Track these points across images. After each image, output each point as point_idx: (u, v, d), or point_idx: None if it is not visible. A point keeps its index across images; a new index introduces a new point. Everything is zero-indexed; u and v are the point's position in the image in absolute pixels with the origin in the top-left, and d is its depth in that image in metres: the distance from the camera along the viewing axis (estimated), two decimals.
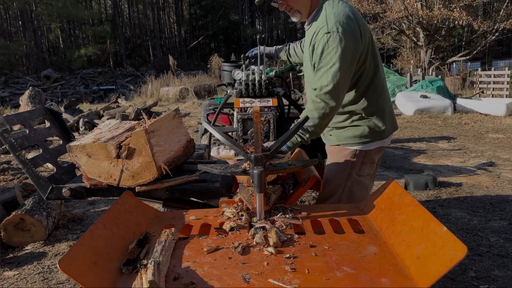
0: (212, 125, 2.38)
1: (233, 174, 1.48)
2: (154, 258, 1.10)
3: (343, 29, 1.76)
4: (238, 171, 1.44)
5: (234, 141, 1.56)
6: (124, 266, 1.12)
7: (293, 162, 1.56)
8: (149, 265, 1.07)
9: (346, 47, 1.75)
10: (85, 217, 3.89)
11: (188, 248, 1.24)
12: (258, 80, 2.19)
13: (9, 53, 26.30)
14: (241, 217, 1.43)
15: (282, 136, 1.53)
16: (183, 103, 13.98)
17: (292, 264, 1.12)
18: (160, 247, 1.17)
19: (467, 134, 7.80)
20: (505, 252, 2.92)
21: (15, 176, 5.04)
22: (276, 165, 1.52)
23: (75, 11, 29.01)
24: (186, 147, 1.87)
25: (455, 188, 4.39)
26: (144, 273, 1.05)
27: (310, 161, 1.56)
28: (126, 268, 1.11)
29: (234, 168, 1.47)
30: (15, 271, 2.88)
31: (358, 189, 2.06)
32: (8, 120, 1.78)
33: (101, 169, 1.61)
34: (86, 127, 8.78)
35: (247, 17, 36.49)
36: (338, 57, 1.75)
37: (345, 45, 1.75)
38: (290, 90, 4.00)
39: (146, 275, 1.03)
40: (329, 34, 1.76)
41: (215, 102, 4.22)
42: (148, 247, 1.25)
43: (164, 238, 1.22)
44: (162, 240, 1.20)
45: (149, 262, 1.08)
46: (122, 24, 36.64)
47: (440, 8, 16.88)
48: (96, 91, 22.64)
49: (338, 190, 2.03)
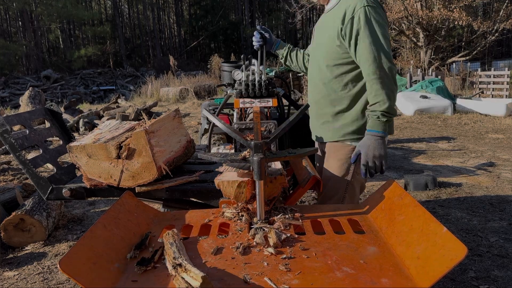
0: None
1: (233, 161, 1.48)
2: (177, 258, 1.09)
3: (377, 3, 1.84)
4: (238, 159, 1.44)
5: (234, 128, 1.56)
6: (137, 266, 1.11)
7: (293, 150, 1.53)
8: (185, 264, 1.05)
9: (384, 18, 1.84)
10: (85, 218, 3.89)
11: (189, 249, 1.24)
12: (258, 80, 2.19)
13: (9, 53, 26.31)
14: (241, 217, 1.43)
15: (282, 124, 1.51)
16: (183, 103, 13.98)
17: (292, 265, 1.12)
18: (175, 248, 1.16)
19: (467, 134, 7.80)
20: (505, 252, 2.92)
21: (15, 177, 5.04)
22: (276, 153, 1.51)
23: (75, 12, 29.02)
24: (186, 148, 1.87)
25: (455, 189, 4.39)
26: (183, 272, 1.03)
27: (310, 149, 1.55)
28: (139, 267, 1.11)
29: (234, 156, 1.48)
30: (15, 271, 2.88)
31: (358, 188, 2.04)
32: (8, 121, 1.78)
33: (101, 169, 1.61)
34: (86, 128, 8.77)
35: (247, 17, 36.48)
36: (380, 26, 1.80)
37: (383, 17, 1.84)
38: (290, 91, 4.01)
39: (189, 273, 1.02)
40: (368, 7, 1.79)
41: (215, 103, 4.22)
42: (153, 247, 1.25)
43: (173, 238, 1.21)
44: (172, 241, 1.19)
45: (183, 262, 1.07)
46: (122, 24, 36.65)
47: (440, 9, 16.88)
48: (96, 91, 22.65)
49: (340, 189, 1.99)
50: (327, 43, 1.93)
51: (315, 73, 2.03)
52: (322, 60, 1.96)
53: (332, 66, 1.92)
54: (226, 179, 1.45)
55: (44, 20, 30.10)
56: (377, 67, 1.76)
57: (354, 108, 1.94)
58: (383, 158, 1.79)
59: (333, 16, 1.92)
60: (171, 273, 1.08)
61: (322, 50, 1.98)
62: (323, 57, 1.96)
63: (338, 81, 1.93)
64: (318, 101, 2.03)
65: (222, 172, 1.56)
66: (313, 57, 2.10)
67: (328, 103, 1.98)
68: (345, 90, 1.93)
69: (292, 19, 30.90)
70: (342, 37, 1.84)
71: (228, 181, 1.43)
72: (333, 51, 1.90)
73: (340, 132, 1.98)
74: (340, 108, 1.96)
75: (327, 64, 1.94)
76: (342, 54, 1.88)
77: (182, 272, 1.04)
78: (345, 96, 1.93)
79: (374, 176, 1.83)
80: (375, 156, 1.78)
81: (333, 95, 1.95)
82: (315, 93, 2.05)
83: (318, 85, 2.01)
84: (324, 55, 1.95)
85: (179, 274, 1.04)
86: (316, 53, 2.04)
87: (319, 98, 2.02)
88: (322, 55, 1.97)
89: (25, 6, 27.76)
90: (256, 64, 2.27)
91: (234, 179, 1.44)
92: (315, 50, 2.06)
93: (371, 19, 1.79)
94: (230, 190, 1.44)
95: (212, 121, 1.59)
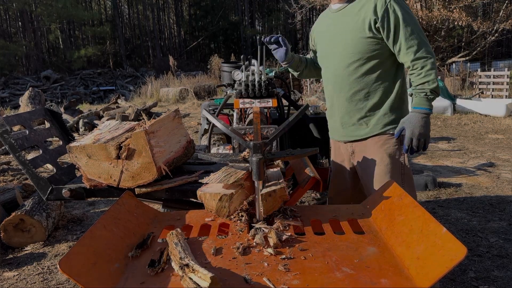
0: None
1: (232, 162, 1.47)
2: (183, 259, 1.09)
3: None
4: (237, 159, 1.44)
5: (233, 128, 1.56)
6: (149, 268, 1.11)
7: (293, 151, 1.52)
8: (192, 264, 1.05)
9: (409, 9, 1.92)
10: (85, 218, 3.89)
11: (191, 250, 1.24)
12: (257, 80, 2.19)
13: (9, 53, 26.32)
14: (241, 218, 1.43)
15: (282, 124, 1.51)
16: (183, 103, 13.99)
17: (291, 265, 1.12)
18: (180, 248, 1.15)
19: (466, 134, 7.81)
20: (505, 253, 2.92)
21: (15, 177, 5.04)
22: (275, 153, 1.50)
23: (75, 12, 29.04)
24: (186, 148, 1.87)
25: (454, 189, 4.39)
26: (190, 272, 1.03)
27: (310, 150, 1.55)
28: (151, 270, 1.10)
29: (233, 157, 1.47)
30: (15, 271, 2.88)
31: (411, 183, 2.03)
32: (8, 121, 1.78)
33: (101, 169, 1.61)
34: (86, 128, 8.78)
35: (246, 18, 36.51)
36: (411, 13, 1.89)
37: (408, 8, 1.91)
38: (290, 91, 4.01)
39: (197, 274, 1.01)
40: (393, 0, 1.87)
41: (215, 103, 4.22)
42: (160, 248, 1.25)
43: (177, 238, 1.21)
44: (176, 241, 1.19)
45: (190, 262, 1.06)
46: (122, 24, 36.66)
47: (440, 9, 16.87)
48: (96, 91, 22.65)
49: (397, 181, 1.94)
50: (352, 38, 1.94)
51: (340, 72, 2.01)
52: (349, 56, 1.97)
53: (363, 60, 1.94)
54: (209, 191, 1.38)
55: (44, 21, 30.10)
56: (425, 51, 1.85)
57: (391, 98, 1.98)
58: (427, 136, 1.86)
59: (353, 11, 1.95)
60: (177, 274, 1.08)
61: (346, 47, 1.97)
62: (350, 53, 1.96)
63: (370, 73, 1.95)
64: (349, 98, 2.02)
65: (207, 183, 1.45)
66: (332, 57, 2.07)
67: (363, 97, 1.99)
68: (378, 82, 1.96)
69: (292, 20, 30.93)
70: (377, 28, 1.88)
71: (210, 194, 1.36)
72: (362, 45, 1.92)
73: (380, 124, 1.99)
74: (375, 100, 1.98)
75: (358, 58, 1.95)
76: (373, 46, 1.91)
77: (189, 272, 1.03)
78: (379, 87, 1.97)
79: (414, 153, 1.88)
80: (420, 134, 1.83)
81: (367, 89, 1.97)
82: (345, 92, 2.02)
83: (347, 83, 2.00)
84: (352, 51, 1.95)
85: (186, 274, 1.04)
86: (337, 51, 2.02)
87: (350, 95, 2.01)
88: (348, 51, 1.97)
89: (25, 7, 27.77)
90: (256, 65, 2.27)
91: (216, 191, 1.36)
92: (334, 49, 2.04)
93: (404, 7, 1.87)
94: (212, 203, 1.36)
95: (212, 122, 1.59)
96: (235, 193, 1.37)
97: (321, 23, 2.19)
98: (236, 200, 1.38)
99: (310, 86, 15.76)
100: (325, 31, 2.12)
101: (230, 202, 1.35)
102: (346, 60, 1.98)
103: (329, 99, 2.15)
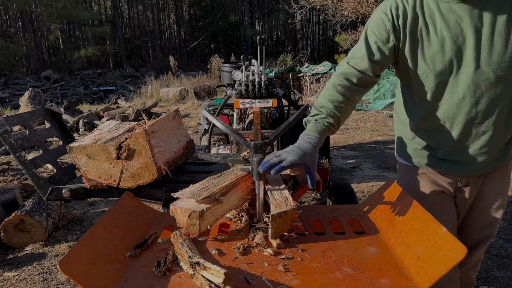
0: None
1: (233, 162, 1.48)
2: (192, 257, 1.08)
3: None
4: (238, 159, 1.44)
5: (233, 128, 1.56)
6: (156, 269, 1.10)
7: None
8: (203, 262, 1.04)
9: None
10: (85, 218, 3.89)
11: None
12: (257, 81, 2.20)
13: (9, 54, 26.31)
14: (241, 218, 1.43)
15: (282, 124, 1.52)
16: (183, 104, 13.98)
17: (291, 265, 1.12)
18: (186, 247, 1.15)
19: None
20: (505, 253, 2.92)
21: (15, 177, 5.04)
22: None
23: (75, 12, 29.02)
24: (186, 148, 1.87)
25: None
26: (202, 270, 1.02)
27: None
28: (158, 270, 1.10)
29: (234, 157, 1.48)
30: (15, 272, 2.88)
31: None
32: (8, 121, 1.78)
33: (101, 170, 1.61)
34: (86, 128, 8.78)
35: (246, 18, 36.51)
36: None
37: None
38: (290, 91, 4.01)
39: (209, 271, 1.00)
40: None
41: (215, 103, 4.23)
42: (155, 248, 1.25)
43: (182, 238, 1.21)
44: (182, 241, 1.19)
45: (200, 260, 1.06)
46: (122, 25, 36.68)
47: None
48: (96, 92, 22.64)
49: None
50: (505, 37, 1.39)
51: (494, 87, 1.43)
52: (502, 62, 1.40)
53: None
54: (180, 206, 1.26)
55: (44, 21, 30.09)
56: None
57: None
58: None
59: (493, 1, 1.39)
60: (188, 273, 1.07)
61: (498, 49, 1.39)
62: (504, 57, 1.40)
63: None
64: (506, 119, 1.49)
65: (181, 197, 1.33)
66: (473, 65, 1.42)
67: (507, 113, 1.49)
68: None
69: (292, 20, 30.95)
70: None
71: (181, 209, 1.25)
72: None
73: (509, 153, 1.59)
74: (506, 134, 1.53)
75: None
76: None
77: (201, 270, 1.03)
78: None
79: None
80: None
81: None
82: (500, 111, 1.46)
83: (499, 99, 1.44)
84: (509, 54, 1.40)
85: (198, 272, 1.03)
86: (484, 56, 1.41)
87: (503, 115, 1.48)
88: (500, 54, 1.40)
89: (25, 7, 27.77)
90: (256, 65, 2.27)
91: (187, 207, 1.24)
92: (481, 52, 1.41)
93: None
94: (183, 219, 1.25)
95: (212, 122, 1.59)
96: (207, 209, 1.24)
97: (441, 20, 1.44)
98: (209, 217, 1.26)
99: (310, 86, 15.75)
100: (451, 26, 1.43)
101: (201, 219, 1.22)
102: (498, 71, 1.42)
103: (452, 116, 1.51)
